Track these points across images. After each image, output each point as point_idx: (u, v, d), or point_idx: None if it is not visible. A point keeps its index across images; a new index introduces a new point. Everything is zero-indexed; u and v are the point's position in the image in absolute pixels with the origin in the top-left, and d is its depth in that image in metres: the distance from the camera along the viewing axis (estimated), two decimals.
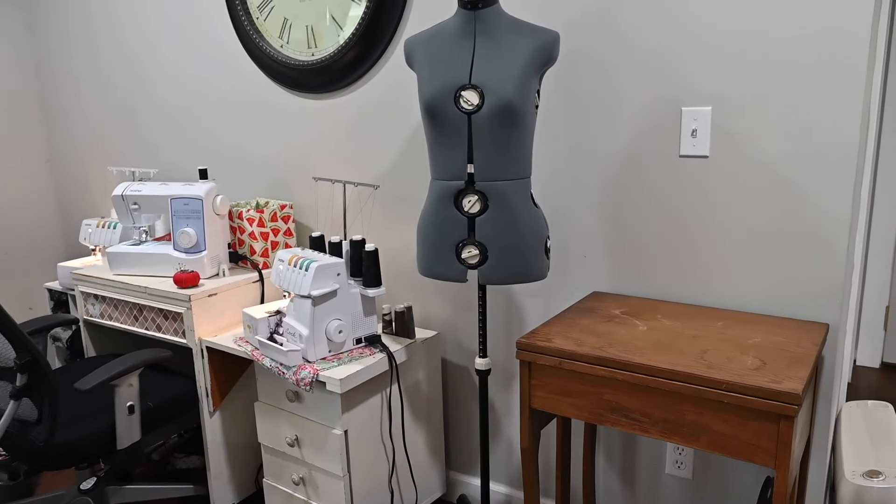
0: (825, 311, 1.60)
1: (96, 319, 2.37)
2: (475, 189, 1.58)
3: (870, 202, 3.16)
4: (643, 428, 1.40)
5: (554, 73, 1.85)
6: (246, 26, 2.40)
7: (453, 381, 2.26)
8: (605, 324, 1.61)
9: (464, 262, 1.64)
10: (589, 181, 1.86)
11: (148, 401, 2.04)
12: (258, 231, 2.30)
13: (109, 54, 2.96)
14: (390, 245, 2.27)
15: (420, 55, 1.63)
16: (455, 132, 1.56)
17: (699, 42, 1.63)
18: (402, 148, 2.18)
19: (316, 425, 1.89)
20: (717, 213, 1.69)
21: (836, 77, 1.49)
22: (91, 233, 2.72)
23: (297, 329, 1.87)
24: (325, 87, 2.29)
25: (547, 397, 1.53)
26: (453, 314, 2.19)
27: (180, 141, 2.82)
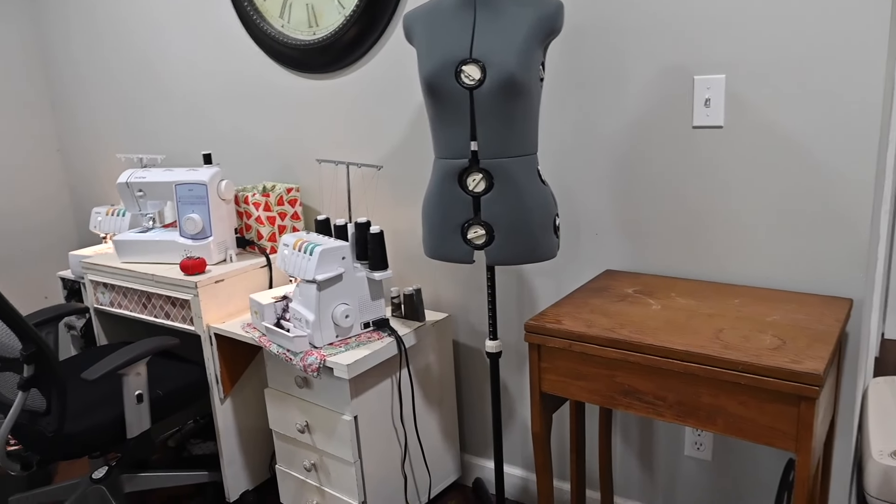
0: (849, 285, 1.53)
1: (106, 308, 2.36)
2: (479, 167, 1.53)
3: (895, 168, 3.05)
4: (657, 411, 1.35)
5: (559, 44, 1.78)
6: (247, 7, 2.35)
7: (466, 364, 2.22)
8: (618, 303, 1.55)
9: (470, 243, 1.59)
10: (599, 156, 1.80)
11: (157, 389, 2.03)
12: (265, 215, 2.27)
13: (113, 42, 2.93)
14: (397, 226, 2.23)
15: (419, 30, 1.57)
16: (457, 109, 1.50)
17: (711, 6, 1.55)
18: (406, 127, 2.13)
19: (325, 411, 1.87)
20: (733, 186, 1.62)
21: (855, 38, 1.41)
22: (101, 221, 2.71)
23: (303, 314, 1.84)
24: (327, 66, 2.24)
25: (558, 381, 1.48)
26: (464, 295, 2.15)
27: (186, 127, 2.78)
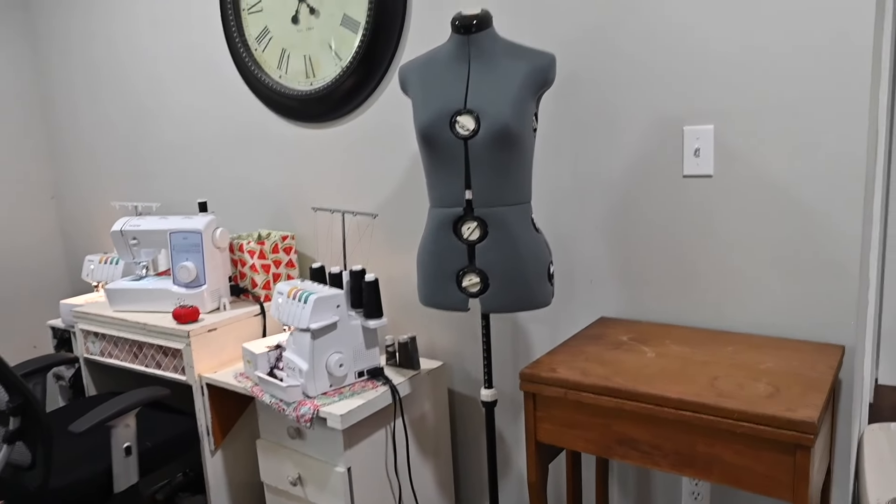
0: (840, 332, 1.53)
1: (96, 357, 2.34)
2: (474, 215, 1.54)
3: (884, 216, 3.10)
4: (654, 461, 1.34)
5: (552, 94, 1.82)
6: (245, 58, 2.39)
7: (461, 413, 2.20)
8: (612, 351, 1.55)
9: (465, 291, 1.59)
10: (592, 204, 1.82)
11: (146, 441, 2.00)
12: (259, 263, 2.27)
13: (112, 91, 2.97)
14: (392, 274, 2.23)
15: (415, 81, 1.61)
16: (452, 158, 1.53)
17: (698, 60, 1.60)
18: (402, 175, 2.15)
19: (318, 463, 1.84)
20: (725, 234, 1.64)
21: (839, 90, 1.45)
22: (93, 269, 2.71)
23: (296, 363, 1.83)
24: (324, 115, 2.27)
25: (553, 430, 1.47)
26: (459, 343, 2.14)
27: (183, 175, 2.81)
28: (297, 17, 2.25)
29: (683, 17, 1.60)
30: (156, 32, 2.72)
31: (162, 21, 2.69)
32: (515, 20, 1.84)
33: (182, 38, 2.64)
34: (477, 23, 1.52)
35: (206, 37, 2.55)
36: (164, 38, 2.70)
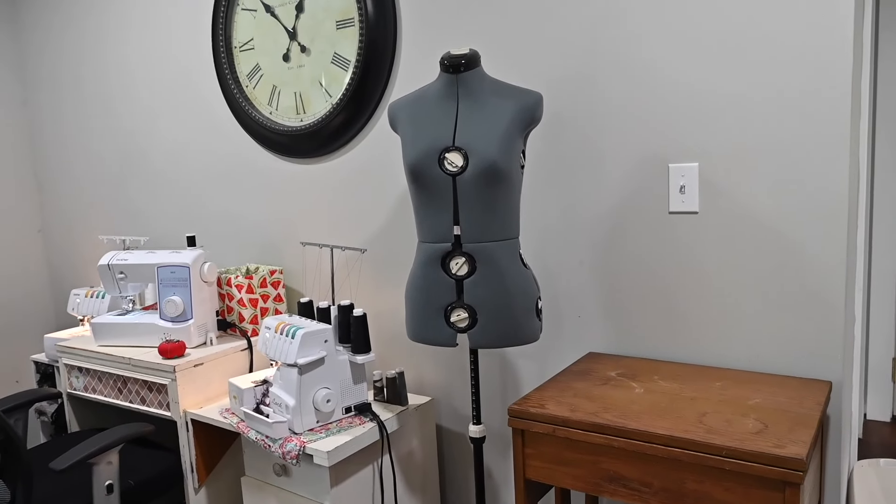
0: (827, 368, 1.54)
1: (80, 393, 2.30)
2: (462, 251, 1.55)
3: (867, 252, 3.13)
4: (643, 498, 1.33)
5: (540, 132, 1.84)
6: (236, 94, 2.42)
7: (449, 449, 2.18)
8: (601, 387, 1.55)
9: (453, 326, 1.59)
10: (580, 240, 1.83)
11: (129, 478, 1.96)
12: (247, 297, 2.26)
13: (101, 124, 2.99)
14: (380, 309, 2.23)
15: (404, 118, 1.63)
16: (440, 194, 1.54)
17: (682, 101, 1.63)
18: (390, 211, 2.16)
19: (304, 500, 1.81)
20: (711, 270, 1.65)
21: (821, 129, 1.48)
22: (79, 303, 2.68)
23: (283, 399, 1.81)
24: (314, 151, 2.29)
25: (542, 467, 1.46)
26: (447, 378, 2.13)
27: (172, 209, 2.81)
28: (288, 56, 2.28)
29: (667, 61, 1.63)
30: (146, 67, 2.75)
31: (152, 55, 2.72)
32: (502, 61, 1.87)
33: (173, 73, 2.67)
34: (465, 62, 1.55)
35: (197, 72, 2.58)
36: (154, 73, 2.73)
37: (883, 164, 3.13)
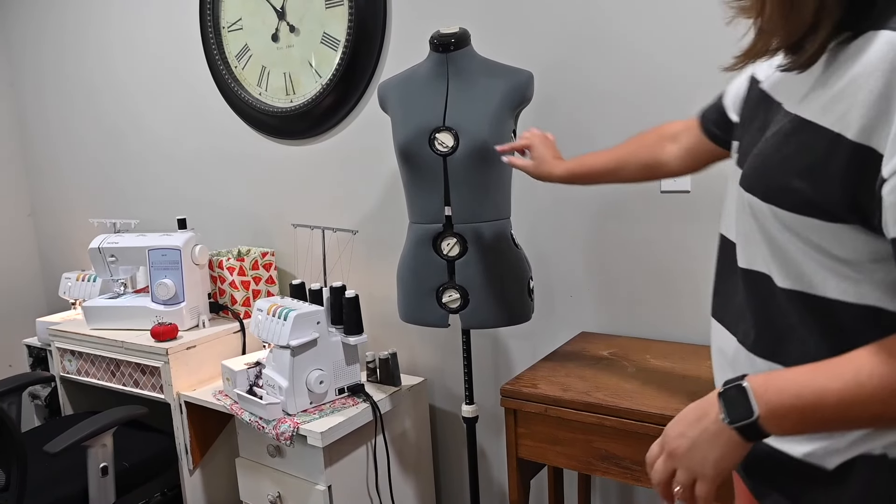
0: None
1: (73, 376, 2.30)
2: (453, 232, 1.55)
3: None
4: (635, 477, 1.34)
5: (530, 112, 1.83)
6: (224, 75, 2.39)
7: (442, 429, 2.19)
8: (593, 366, 1.56)
9: (445, 307, 1.59)
10: (572, 220, 1.83)
11: (123, 461, 1.97)
12: (239, 280, 2.26)
13: (90, 106, 2.95)
14: (372, 290, 2.23)
15: (393, 99, 1.62)
16: (431, 175, 1.53)
17: (671, 83, 1.62)
18: (382, 192, 2.15)
19: (298, 481, 1.82)
20: (702, 248, 1.65)
21: None
22: (70, 286, 2.67)
23: (276, 381, 1.81)
24: (304, 132, 2.27)
25: (535, 446, 1.47)
26: (440, 359, 2.13)
27: (162, 191, 2.79)
28: (276, 36, 2.26)
29: (658, 43, 1.62)
30: (134, 48, 2.71)
31: (140, 37, 2.68)
32: (493, 42, 1.86)
33: (161, 55, 2.63)
34: (455, 41, 1.53)
35: (185, 53, 2.55)
36: (142, 54, 2.69)
37: None
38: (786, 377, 0.71)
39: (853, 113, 0.64)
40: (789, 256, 0.73)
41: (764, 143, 0.75)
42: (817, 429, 0.70)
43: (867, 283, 0.69)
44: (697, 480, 0.76)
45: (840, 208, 0.66)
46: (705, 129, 1.09)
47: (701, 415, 0.75)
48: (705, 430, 0.74)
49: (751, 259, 0.79)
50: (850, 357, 0.68)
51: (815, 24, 0.67)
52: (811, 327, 0.73)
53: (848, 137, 0.64)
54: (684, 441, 0.76)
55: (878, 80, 0.62)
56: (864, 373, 0.65)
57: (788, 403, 0.69)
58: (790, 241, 0.72)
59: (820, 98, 0.68)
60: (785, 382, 0.70)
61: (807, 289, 0.73)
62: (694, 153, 1.13)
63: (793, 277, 0.73)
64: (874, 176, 0.63)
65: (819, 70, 0.70)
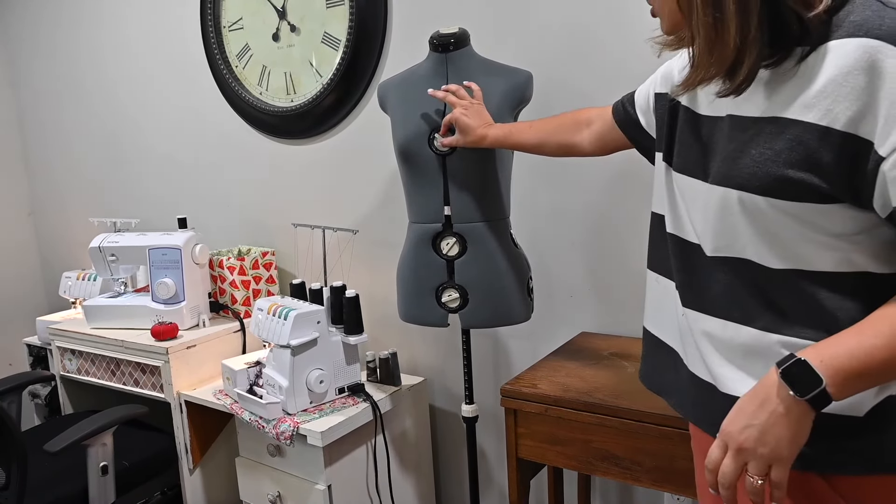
0: None
1: (73, 375, 2.30)
2: (453, 231, 1.55)
3: None
4: (634, 477, 1.34)
5: (531, 110, 1.83)
6: (225, 75, 2.39)
7: (442, 429, 2.19)
8: (593, 366, 1.56)
9: (444, 306, 1.59)
10: (572, 220, 1.83)
11: (123, 460, 1.97)
12: (239, 279, 2.26)
13: (91, 105, 2.96)
14: (373, 290, 2.23)
15: (393, 99, 1.62)
16: (430, 175, 1.53)
17: None
18: (382, 191, 2.15)
19: (298, 480, 1.82)
20: None
21: None
22: (71, 285, 2.67)
23: (276, 380, 1.81)
24: (304, 132, 2.27)
25: (535, 446, 1.47)
26: (440, 359, 2.13)
27: (162, 190, 2.79)
28: (277, 35, 2.26)
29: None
30: (135, 47, 2.71)
31: (141, 36, 2.68)
32: (493, 42, 1.85)
33: (162, 54, 2.63)
34: (454, 41, 1.53)
35: (186, 53, 2.55)
36: (142, 54, 2.69)
37: None
38: (834, 345, 0.77)
39: (839, 107, 0.74)
40: (784, 240, 0.81)
41: (743, 146, 0.83)
42: (873, 384, 0.77)
43: (857, 253, 0.79)
44: (773, 466, 0.78)
45: (834, 190, 0.76)
46: (617, 121, 1.23)
47: (762, 401, 0.78)
48: (773, 413, 0.77)
49: (739, 249, 0.86)
50: (881, 314, 0.76)
51: (740, 57, 0.78)
52: (807, 299, 0.82)
53: (836, 129, 0.74)
54: (753, 431, 0.78)
55: (858, 78, 0.73)
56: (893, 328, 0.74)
57: (847, 366, 0.75)
58: (787, 227, 0.80)
59: (799, 100, 0.78)
60: (836, 349, 0.76)
61: (803, 266, 0.81)
62: (604, 139, 1.28)
63: (789, 258, 0.82)
64: (863, 160, 0.74)
65: (784, 78, 0.80)
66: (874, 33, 0.73)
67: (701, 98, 0.93)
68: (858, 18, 0.75)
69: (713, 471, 0.82)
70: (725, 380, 0.90)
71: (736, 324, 0.88)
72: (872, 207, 0.76)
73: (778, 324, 0.84)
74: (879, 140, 0.73)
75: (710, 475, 0.82)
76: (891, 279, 0.80)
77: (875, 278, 0.80)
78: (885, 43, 0.72)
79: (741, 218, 0.83)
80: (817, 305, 0.81)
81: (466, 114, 1.43)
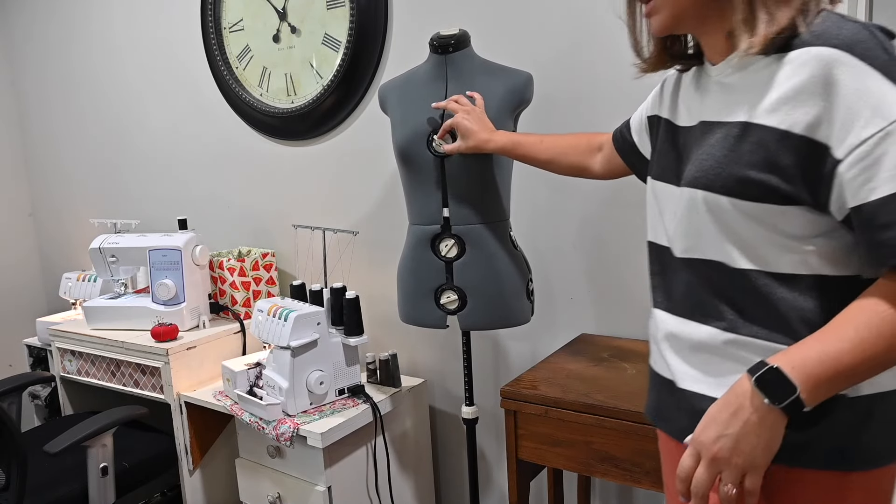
0: None
1: (73, 376, 2.30)
2: (451, 233, 1.55)
3: None
4: (634, 478, 1.34)
5: (530, 113, 1.83)
6: (225, 76, 2.39)
7: (442, 430, 2.19)
8: (593, 368, 1.56)
9: (443, 308, 1.59)
10: (571, 221, 1.83)
11: (123, 461, 1.97)
12: (239, 280, 2.26)
13: (91, 107, 2.96)
14: (373, 291, 2.23)
15: (393, 100, 1.62)
16: (429, 176, 1.53)
17: None
18: (382, 193, 2.15)
19: (298, 482, 1.82)
20: None
21: None
22: (71, 286, 2.67)
23: (276, 381, 1.81)
24: (305, 133, 2.28)
25: (534, 448, 1.47)
26: (440, 360, 2.13)
27: (163, 192, 2.79)
28: (278, 36, 2.26)
29: None
30: (135, 48, 2.72)
31: (141, 37, 2.69)
32: (493, 43, 1.86)
33: (162, 55, 2.64)
34: (455, 42, 1.53)
35: (186, 54, 2.55)
36: (143, 55, 2.70)
37: None
38: (803, 350, 0.78)
39: (797, 112, 0.78)
40: (745, 241, 0.84)
41: (710, 148, 0.87)
42: (842, 387, 0.79)
43: (814, 255, 0.82)
44: (747, 475, 0.79)
45: (794, 192, 0.79)
46: (616, 148, 1.27)
47: (735, 410, 0.79)
48: (747, 422, 0.78)
49: (703, 250, 0.89)
50: (844, 318, 0.78)
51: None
52: (767, 299, 0.84)
53: (795, 132, 0.78)
54: (727, 441, 0.79)
55: (816, 85, 0.77)
56: (862, 326, 0.76)
57: (818, 372, 0.76)
58: (748, 228, 0.83)
59: (762, 105, 0.81)
60: (805, 354, 0.78)
61: (763, 266, 0.84)
62: (611, 164, 1.31)
63: (750, 258, 0.84)
64: (820, 163, 0.77)
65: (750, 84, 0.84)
66: (832, 42, 0.77)
67: (681, 110, 0.98)
68: (818, 29, 0.79)
69: (685, 480, 0.83)
70: (683, 376, 0.93)
71: (696, 322, 0.91)
72: (829, 210, 0.80)
73: (734, 323, 0.87)
74: (836, 143, 0.76)
75: (681, 484, 0.84)
76: (846, 281, 0.82)
77: (829, 281, 0.82)
78: (842, 51, 0.76)
79: (706, 218, 0.87)
80: (773, 306, 0.84)
81: (468, 118, 1.44)
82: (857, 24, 0.78)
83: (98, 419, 1.84)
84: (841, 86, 0.75)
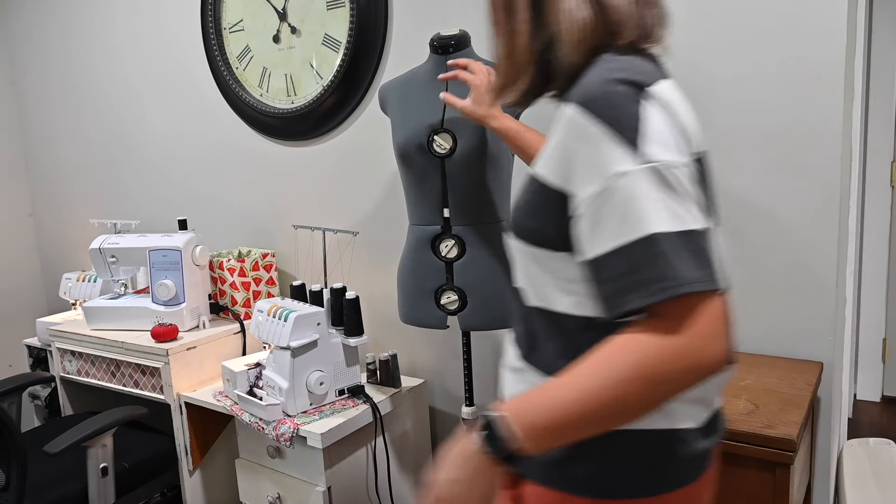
0: (818, 349, 1.55)
1: (73, 376, 2.30)
2: (452, 233, 1.55)
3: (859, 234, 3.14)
4: None
5: (531, 112, 1.83)
6: (225, 76, 2.39)
7: (443, 431, 2.19)
8: None
9: (443, 308, 1.59)
10: None
11: (123, 461, 1.97)
12: (239, 281, 2.26)
13: (91, 107, 2.96)
14: (373, 291, 2.23)
15: (393, 101, 1.62)
16: (429, 177, 1.53)
17: (676, 79, 1.62)
18: (382, 193, 2.15)
19: (298, 482, 1.82)
20: None
21: (813, 109, 1.48)
22: (71, 287, 2.67)
23: (276, 382, 1.81)
24: (305, 134, 2.28)
25: None
26: (440, 361, 2.13)
27: (163, 192, 2.79)
28: (278, 37, 2.26)
29: None
30: (136, 48, 2.72)
31: (142, 37, 2.69)
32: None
33: (162, 55, 2.64)
34: (455, 43, 1.53)
35: (186, 54, 2.55)
36: (143, 55, 2.70)
37: (875, 145, 3.13)
38: (532, 399, 0.79)
39: (552, 164, 0.82)
40: (535, 280, 0.88)
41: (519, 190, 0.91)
42: (576, 436, 0.78)
43: (585, 298, 0.84)
44: None
45: (556, 240, 0.83)
46: None
47: (467, 456, 0.82)
48: (476, 469, 0.81)
49: (518, 278, 0.93)
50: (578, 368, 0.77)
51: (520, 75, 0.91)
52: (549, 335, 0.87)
53: (551, 183, 0.82)
54: (460, 487, 0.83)
55: (566, 140, 0.80)
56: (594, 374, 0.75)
57: (542, 421, 0.77)
58: (534, 268, 0.88)
59: (542, 156, 0.85)
60: (532, 403, 0.78)
61: (546, 305, 0.87)
62: None
63: (539, 297, 0.88)
64: (568, 211, 0.81)
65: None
66: (573, 98, 0.80)
67: None
68: (580, 82, 0.81)
69: None
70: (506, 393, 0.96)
71: (514, 348, 0.95)
72: None
73: (528, 351, 0.91)
74: (577, 191, 0.79)
75: None
76: (606, 327, 0.82)
77: (594, 323, 0.83)
78: (577, 105, 0.79)
79: (515, 257, 0.92)
80: (551, 344, 0.87)
81: (487, 88, 1.39)
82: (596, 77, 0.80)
83: (98, 419, 1.84)
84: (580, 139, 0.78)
